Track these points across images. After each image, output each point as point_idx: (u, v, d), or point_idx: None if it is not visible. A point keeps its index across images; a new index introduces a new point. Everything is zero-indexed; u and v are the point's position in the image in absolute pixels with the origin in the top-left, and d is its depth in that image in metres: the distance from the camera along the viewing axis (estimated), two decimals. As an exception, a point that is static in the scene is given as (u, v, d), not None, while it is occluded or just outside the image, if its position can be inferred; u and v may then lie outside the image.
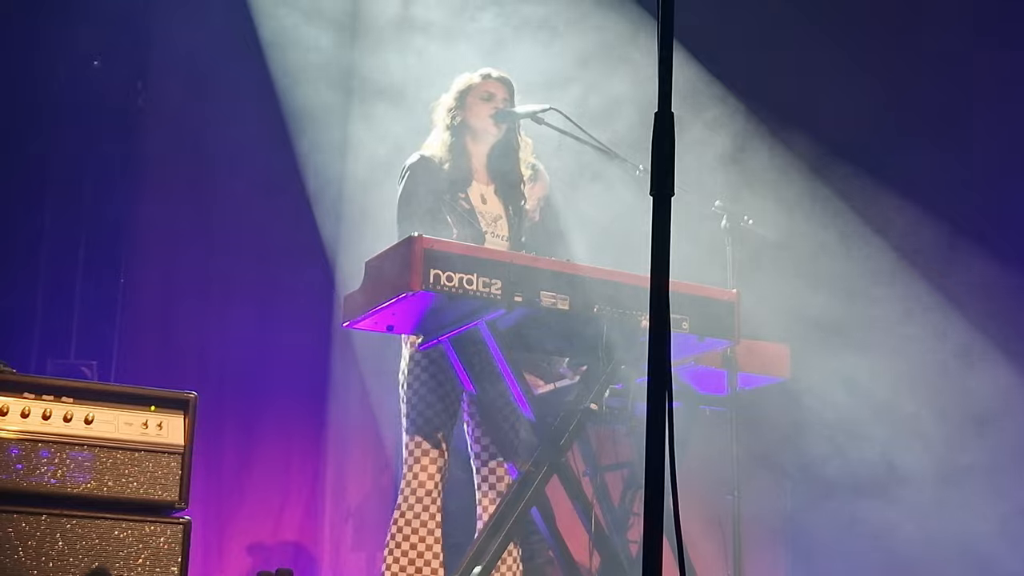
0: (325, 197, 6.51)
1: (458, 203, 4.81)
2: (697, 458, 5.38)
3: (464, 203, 4.83)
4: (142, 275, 6.40)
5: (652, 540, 2.28)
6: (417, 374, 4.74)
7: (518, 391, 4.46)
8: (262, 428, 6.48)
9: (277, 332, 6.52)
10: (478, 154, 4.99)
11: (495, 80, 5.00)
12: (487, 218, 4.89)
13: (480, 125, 4.96)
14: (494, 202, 4.97)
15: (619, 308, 4.37)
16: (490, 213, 4.92)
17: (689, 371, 5.21)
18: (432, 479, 4.64)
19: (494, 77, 5.00)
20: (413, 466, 4.64)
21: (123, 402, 3.86)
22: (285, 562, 6.32)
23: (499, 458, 4.80)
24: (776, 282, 5.95)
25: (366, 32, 6.27)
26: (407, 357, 4.80)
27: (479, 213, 4.87)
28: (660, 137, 2.41)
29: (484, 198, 4.95)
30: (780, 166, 6.61)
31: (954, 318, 6.35)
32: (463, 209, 4.81)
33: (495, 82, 4.99)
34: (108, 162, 6.31)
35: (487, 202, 4.94)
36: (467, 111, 4.95)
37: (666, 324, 2.35)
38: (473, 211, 4.84)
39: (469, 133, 4.97)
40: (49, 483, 3.70)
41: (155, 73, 6.49)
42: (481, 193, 4.95)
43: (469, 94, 4.96)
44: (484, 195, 4.95)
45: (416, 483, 4.62)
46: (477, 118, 4.95)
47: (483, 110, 4.95)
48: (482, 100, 4.95)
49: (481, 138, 4.99)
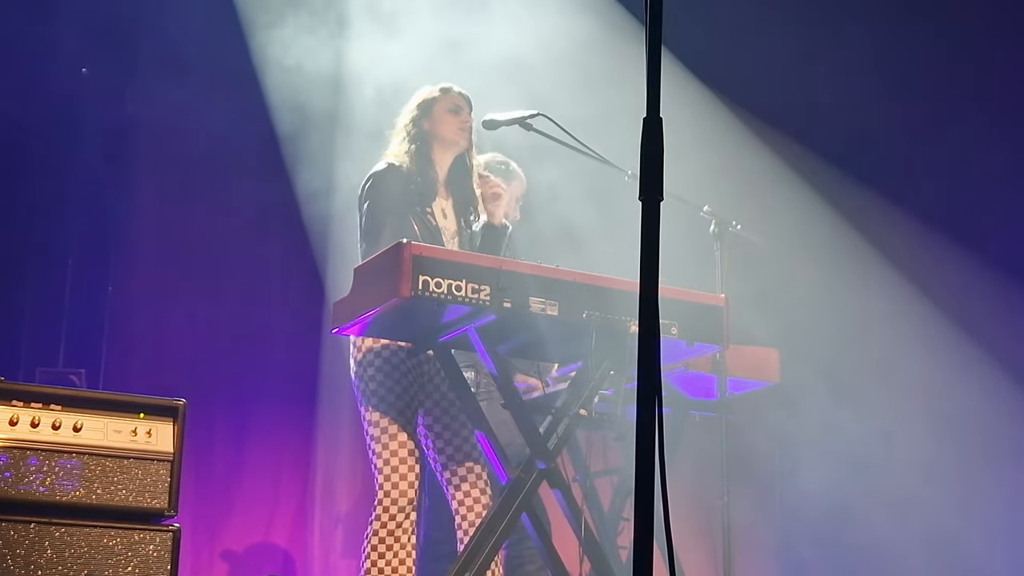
0: (315, 203, 6.50)
1: (425, 217, 4.79)
2: (687, 463, 5.39)
3: (431, 218, 4.80)
4: (130, 282, 6.40)
5: (642, 546, 2.28)
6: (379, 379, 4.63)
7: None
8: (251, 435, 6.48)
9: (266, 339, 6.52)
10: (442, 165, 4.95)
11: (458, 95, 4.98)
12: (447, 234, 4.87)
13: (450, 136, 4.92)
14: (452, 217, 4.95)
15: (608, 313, 4.37)
16: (448, 229, 4.90)
17: (678, 376, 5.21)
18: (411, 487, 4.59)
19: (456, 91, 4.99)
20: (391, 475, 4.59)
21: (112, 409, 3.85)
22: (275, 569, 6.32)
23: (468, 450, 4.77)
24: (765, 286, 5.96)
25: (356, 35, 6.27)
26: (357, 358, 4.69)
27: (441, 228, 4.85)
28: (648, 142, 2.41)
29: (444, 213, 4.92)
30: (769, 170, 6.63)
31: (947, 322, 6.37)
32: (431, 224, 4.78)
33: (458, 96, 4.98)
34: (96, 170, 6.30)
35: (447, 217, 4.92)
36: (434, 122, 4.91)
37: (655, 329, 2.35)
38: (438, 227, 4.82)
39: (437, 143, 4.93)
40: (38, 491, 3.69)
41: (143, 81, 6.48)
42: (442, 208, 4.92)
43: (435, 105, 4.92)
44: (444, 210, 4.93)
45: (396, 492, 4.57)
46: (446, 128, 4.91)
47: (452, 121, 4.91)
48: (450, 112, 4.92)
49: (448, 149, 4.95)
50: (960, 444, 6.15)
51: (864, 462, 6.27)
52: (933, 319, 6.37)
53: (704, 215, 5.16)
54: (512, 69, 5.79)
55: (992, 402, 6.18)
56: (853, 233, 6.59)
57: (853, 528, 6.31)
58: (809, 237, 6.52)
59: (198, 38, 6.35)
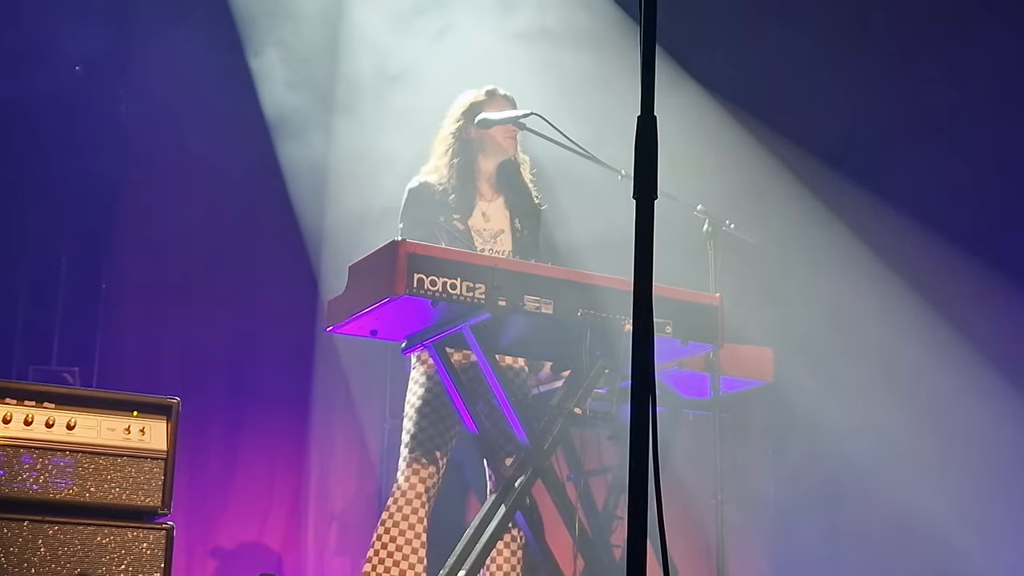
0: (309, 201, 6.50)
1: (452, 225, 4.78)
2: (681, 462, 5.39)
3: (459, 223, 4.80)
4: (124, 280, 6.39)
5: (636, 544, 2.28)
6: (420, 393, 4.75)
7: (502, 395, 4.45)
8: (246, 433, 6.47)
9: (260, 337, 6.52)
10: (488, 171, 4.96)
11: (502, 98, 4.95)
12: (485, 236, 4.86)
13: (498, 145, 4.91)
14: (498, 217, 4.94)
15: (602, 312, 4.38)
16: (490, 230, 4.89)
17: (672, 375, 5.21)
18: (424, 484, 4.63)
19: (501, 94, 4.96)
20: (410, 477, 4.64)
21: (106, 407, 3.86)
22: (269, 567, 6.31)
23: None
24: (759, 285, 5.96)
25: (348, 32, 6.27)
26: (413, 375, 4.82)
27: (475, 232, 4.84)
28: (642, 141, 2.41)
29: (486, 215, 4.91)
30: (763, 170, 6.63)
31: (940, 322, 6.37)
32: (458, 231, 4.78)
33: (503, 99, 4.94)
34: (90, 168, 6.28)
35: (489, 220, 4.91)
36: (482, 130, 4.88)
37: (649, 328, 2.35)
38: (468, 231, 4.81)
39: (483, 153, 4.93)
40: (31, 489, 3.69)
41: (137, 79, 6.47)
42: (483, 211, 4.91)
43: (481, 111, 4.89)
44: (486, 212, 4.92)
45: (407, 486, 4.62)
46: (494, 138, 4.89)
47: (500, 130, 4.88)
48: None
49: (495, 155, 4.95)
50: (956, 443, 6.15)
51: (858, 461, 6.27)
52: (927, 318, 6.38)
53: (698, 214, 5.16)
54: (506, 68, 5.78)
55: (988, 401, 6.18)
56: (848, 232, 6.60)
57: (847, 527, 6.31)
58: (803, 236, 6.53)
59: (192, 36, 6.34)
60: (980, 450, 6.19)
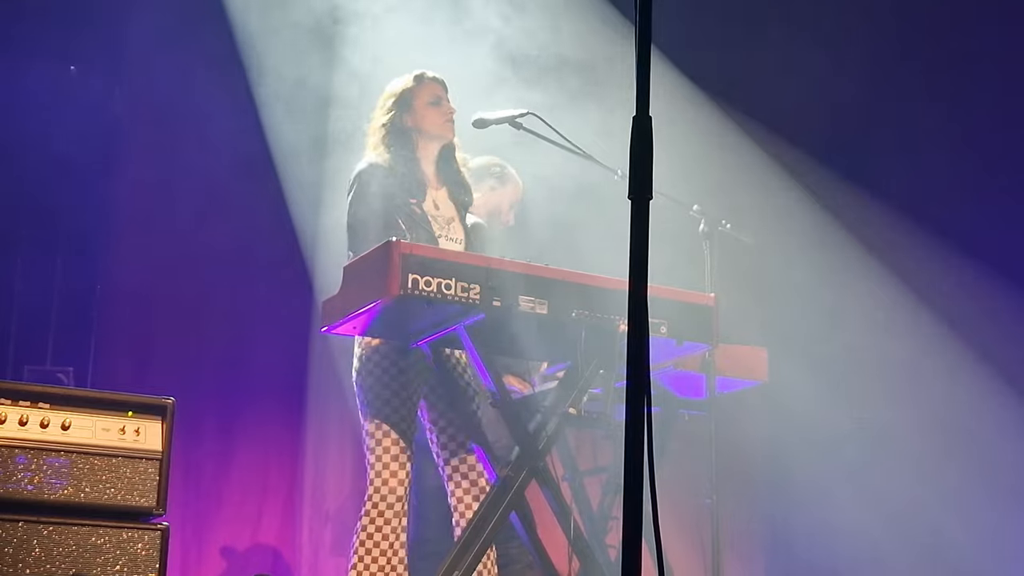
0: (303, 202, 6.49)
1: (410, 208, 4.72)
2: (676, 462, 5.39)
3: (416, 208, 4.74)
4: (118, 281, 6.37)
5: (631, 545, 2.28)
6: (377, 375, 4.62)
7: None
8: (240, 433, 6.46)
9: (255, 337, 6.51)
10: (427, 159, 4.89)
11: (432, 81, 4.88)
12: (439, 222, 4.81)
13: (435, 130, 4.85)
14: (446, 205, 4.89)
15: (597, 312, 4.38)
16: (443, 216, 4.84)
17: (668, 375, 5.21)
18: (401, 484, 4.57)
19: (429, 78, 4.88)
20: (382, 472, 4.58)
21: (100, 408, 3.85)
22: (264, 567, 6.31)
23: (469, 445, 4.73)
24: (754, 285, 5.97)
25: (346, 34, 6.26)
26: (359, 356, 4.68)
27: (431, 217, 4.79)
28: (638, 141, 2.41)
29: (436, 203, 4.86)
30: (759, 170, 6.63)
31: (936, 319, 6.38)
32: (416, 214, 4.72)
33: (433, 83, 4.88)
34: (85, 168, 6.27)
35: (439, 207, 4.86)
36: (416, 117, 4.83)
37: (645, 328, 2.34)
38: (425, 215, 4.75)
39: (420, 139, 4.86)
40: (26, 489, 3.69)
41: (132, 79, 6.47)
42: (433, 199, 4.86)
43: (414, 99, 4.83)
44: (436, 200, 4.86)
45: (386, 489, 4.56)
46: (430, 123, 4.83)
47: (435, 114, 4.83)
48: (431, 105, 4.84)
49: (433, 143, 4.89)
50: (952, 442, 6.16)
51: (853, 460, 6.28)
52: (922, 317, 6.39)
53: (694, 214, 5.16)
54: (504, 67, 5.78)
55: (983, 400, 6.19)
56: (843, 232, 6.60)
57: (842, 527, 6.31)
58: (799, 236, 6.53)
59: (188, 37, 6.33)
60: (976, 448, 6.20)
